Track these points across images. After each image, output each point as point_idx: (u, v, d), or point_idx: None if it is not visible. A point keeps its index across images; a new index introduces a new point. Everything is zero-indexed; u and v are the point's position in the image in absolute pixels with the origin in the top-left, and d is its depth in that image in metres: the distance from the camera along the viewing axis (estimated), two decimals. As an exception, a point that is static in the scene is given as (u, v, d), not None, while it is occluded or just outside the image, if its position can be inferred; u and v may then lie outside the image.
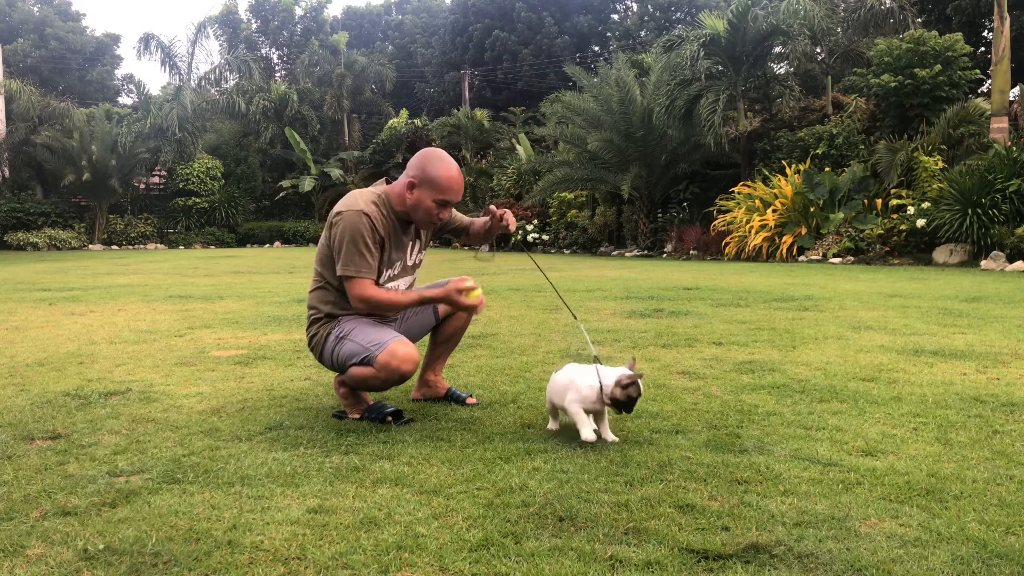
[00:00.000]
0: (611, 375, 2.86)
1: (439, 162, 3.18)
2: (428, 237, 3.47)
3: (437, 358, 3.61)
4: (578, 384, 2.87)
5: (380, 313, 3.25)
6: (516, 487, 2.42)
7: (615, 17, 39.79)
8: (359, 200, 3.17)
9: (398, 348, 3.08)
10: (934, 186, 13.44)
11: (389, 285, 3.28)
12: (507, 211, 3.39)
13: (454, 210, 3.42)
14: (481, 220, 3.48)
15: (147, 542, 2.05)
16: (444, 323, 3.56)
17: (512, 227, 3.37)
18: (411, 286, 3.46)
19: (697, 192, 18.46)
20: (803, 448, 2.80)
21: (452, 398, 3.54)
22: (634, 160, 18.05)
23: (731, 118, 17.36)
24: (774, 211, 14.96)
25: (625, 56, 20.51)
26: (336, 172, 29.46)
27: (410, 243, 3.35)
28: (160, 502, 2.33)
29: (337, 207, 3.20)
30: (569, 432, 3.02)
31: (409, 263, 3.37)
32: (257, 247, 27.18)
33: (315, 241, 28.33)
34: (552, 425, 3.07)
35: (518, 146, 24.19)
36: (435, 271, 12.07)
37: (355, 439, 2.95)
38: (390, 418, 3.18)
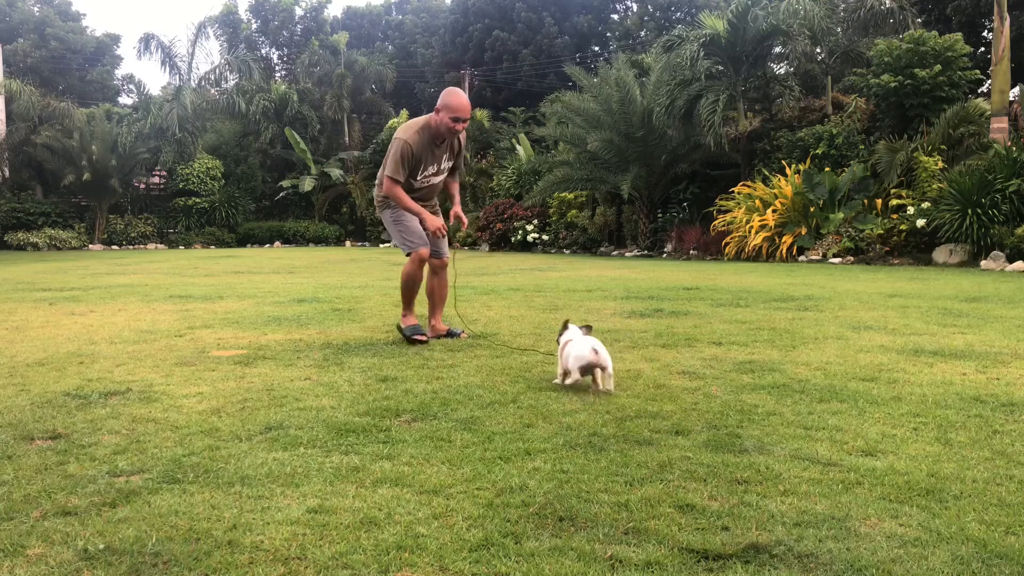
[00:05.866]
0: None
1: (453, 93, 4.98)
2: (458, 155, 5.23)
3: (433, 309, 5.37)
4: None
5: (392, 200, 5.08)
6: (516, 487, 2.42)
7: (615, 17, 39.76)
8: (410, 129, 5.00)
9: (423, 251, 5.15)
10: (934, 186, 13.44)
11: (429, 178, 5.13)
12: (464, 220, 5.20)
13: (456, 180, 5.38)
14: (453, 210, 5.24)
15: (147, 542, 2.05)
16: (428, 283, 5.35)
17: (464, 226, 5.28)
18: (441, 178, 5.27)
19: (697, 192, 18.45)
20: (803, 448, 2.80)
21: (450, 334, 5.25)
22: (634, 160, 18.05)
23: (731, 118, 17.36)
24: (774, 211, 14.95)
25: (625, 56, 20.50)
26: (336, 172, 29.45)
27: (442, 154, 5.12)
28: (160, 502, 2.33)
29: (398, 130, 5.04)
30: (569, 432, 3.03)
31: (442, 168, 5.18)
32: (257, 247, 27.18)
33: (315, 241, 28.66)
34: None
35: (518, 146, 24.18)
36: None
37: (355, 439, 2.95)
38: (418, 337, 4.99)
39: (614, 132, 18.12)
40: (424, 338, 5.02)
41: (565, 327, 4.01)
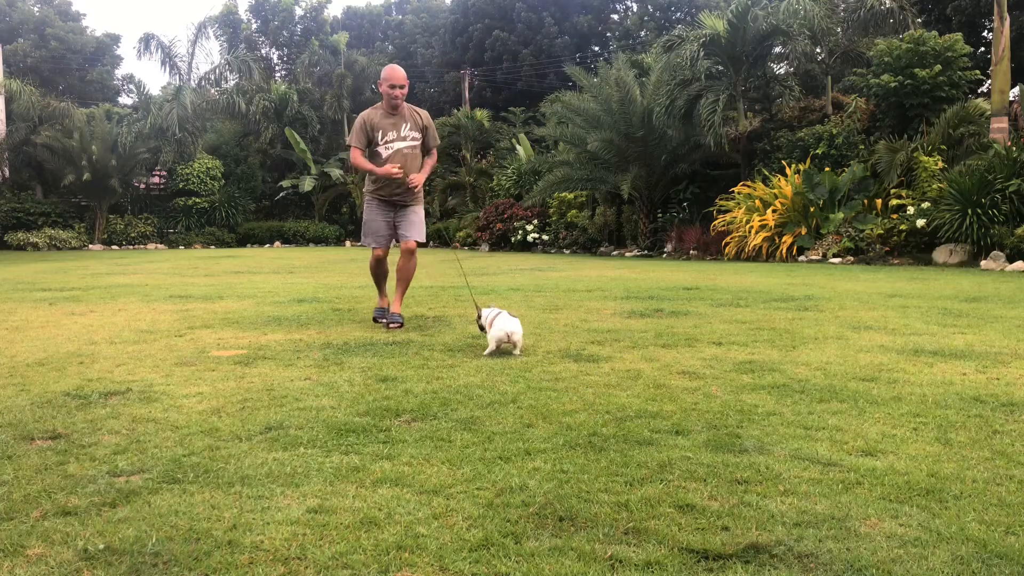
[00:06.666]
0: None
1: (387, 68, 5.95)
2: (425, 129, 6.00)
3: (396, 289, 6.02)
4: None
5: (356, 167, 6.05)
6: (516, 487, 2.42)
7: (615, 17, 39.75)
8: (366, 109, 6.00)
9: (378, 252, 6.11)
10: (934, 186, 13.43)
11: (392, 144, 5.89)
12: (416, 180, 5.89)
13: (431, 157, 6.13)
14: (427, 166, 6.09)
15: (147, 542, 2.05)
16: (397, 263, 6.01)
17: (410, 184, 5.88)
18: (410, 149, 5.98)
19: (697, 192, 18.44)
20: (803, 448, 2.80)
21: (389, 317, 5.86)
22: (634, 160, 18.05)
23: (731, 118, 17.35)
24: (774, 211, 14.95)
25: (625, 56, 20.48)
26: (336, 172, 29.44)
27: (402, 123, 5.92)
28: (160, 502, 2.33)
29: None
30: (569, 432, 3.03)
31: (402, 135, 5.92)
32: (257, 247, 27.18)
33: (315, 241, 28.65)
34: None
35: (518, 146, 24.17)
36: (435, 269, 12.10)
37: (355, 439, 2.95)
38: (383, 321, 5.83)
39: (614, 132, 18.11)
40: (382, 321, 5.89)
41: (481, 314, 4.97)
